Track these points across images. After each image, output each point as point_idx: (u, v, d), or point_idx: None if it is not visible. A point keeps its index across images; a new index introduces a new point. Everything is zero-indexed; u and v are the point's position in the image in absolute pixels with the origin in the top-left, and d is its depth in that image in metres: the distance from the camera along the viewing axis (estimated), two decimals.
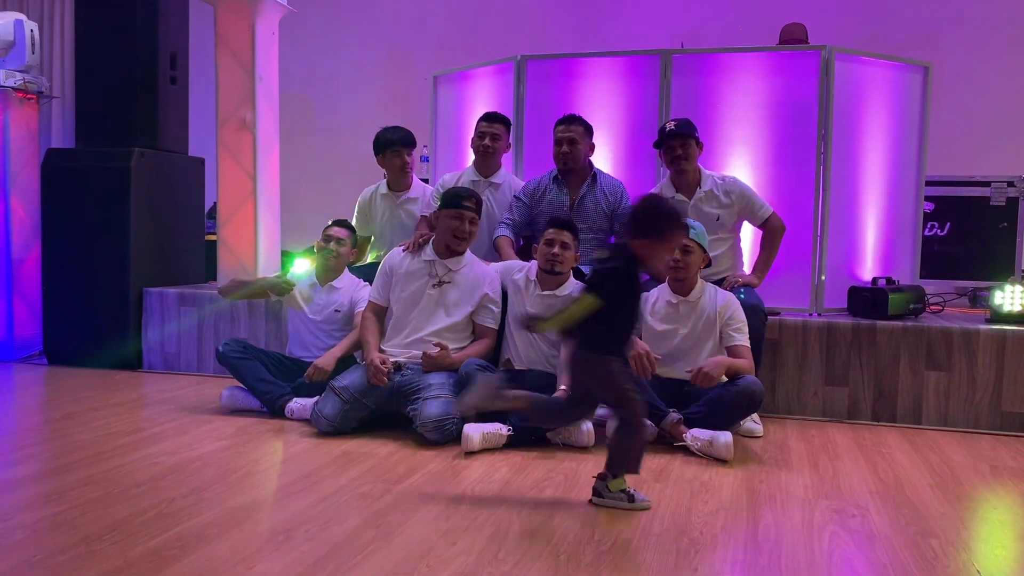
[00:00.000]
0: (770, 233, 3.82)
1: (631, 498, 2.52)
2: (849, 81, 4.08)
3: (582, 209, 3.92)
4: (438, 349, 3.41)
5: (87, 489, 2.61)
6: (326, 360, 3.62)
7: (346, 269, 3.97)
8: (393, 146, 4.26)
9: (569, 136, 3.86)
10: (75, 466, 2.86)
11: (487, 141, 4.06)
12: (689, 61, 4.17)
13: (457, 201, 3.52)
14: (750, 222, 3.87)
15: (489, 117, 4.10)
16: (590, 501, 2.57)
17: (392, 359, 3.44)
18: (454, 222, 3.51)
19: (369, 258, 4.54)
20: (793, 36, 5.31)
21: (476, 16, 6.78)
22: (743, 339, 3.33)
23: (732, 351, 3.30)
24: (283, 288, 3.90)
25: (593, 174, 3.95)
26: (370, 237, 4.48)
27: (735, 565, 2.13)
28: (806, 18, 5.56)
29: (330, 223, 3.98)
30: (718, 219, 3.77)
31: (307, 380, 3.60)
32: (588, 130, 3.92)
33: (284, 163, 5.11)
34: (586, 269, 3.74)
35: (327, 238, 3.89)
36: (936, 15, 5.98)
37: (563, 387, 3.14)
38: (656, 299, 3.46)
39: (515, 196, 4.04)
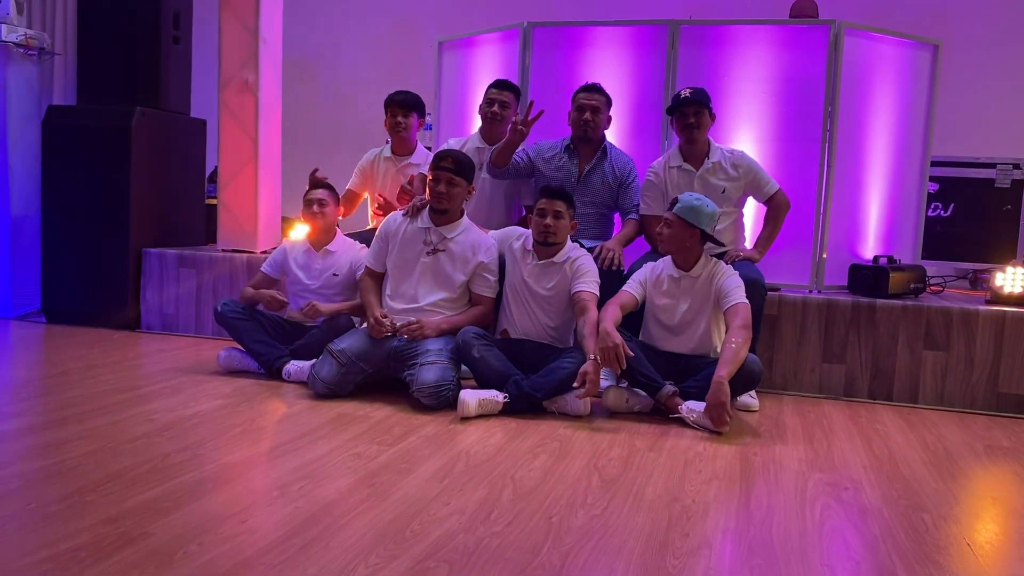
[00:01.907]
0: (775, 209, 3.79)
1: None
2: (858, 57, 4.04)
3: (588, 182, 3.89)
4: (416, 326, 3.38)
5: (83, 442, 2.61)
6: (326, 307, 3.69)
7: (339, 231, 3.96)
8: (389, 105, 4.27)
9: (593, 104, 3.81)
10: (71, 420, 2.86)
11: (496, 108, 4.03)
12: (697, 32, 4.13)
13: (435, 162, 3.50)
14: (755, 197, 3.84)
15: (499, 84, 4.07)
16: None
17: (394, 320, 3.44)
18: (430, 183, 3.49)
19: (370, 223, 4.54)
20: (804, 11, 5.25)
21: None
22: (739, 295, 3.26)
23: (730, 312, 3.24)
24: (274, 306, 3.79)
25: (604, 147, 3.92)
26: (361, 195, 4.47)
27: (726, 532, 2.14)
28: None
29: (308, 188, 3.94)
30: (723, 192, 3.74)
31: (299, 313, 3.72)
32: (609, 102, 3.89)
33: (286, 127, 5.07)
34: (588, 243, 3.72)
35: (308, 203, 3.87)
36: None
37: (592, 356, 3.14)
38: (661, 271, 3.44)
39: (523, 147, 3.96)
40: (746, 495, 2.42)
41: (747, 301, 3.26)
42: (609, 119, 3.91)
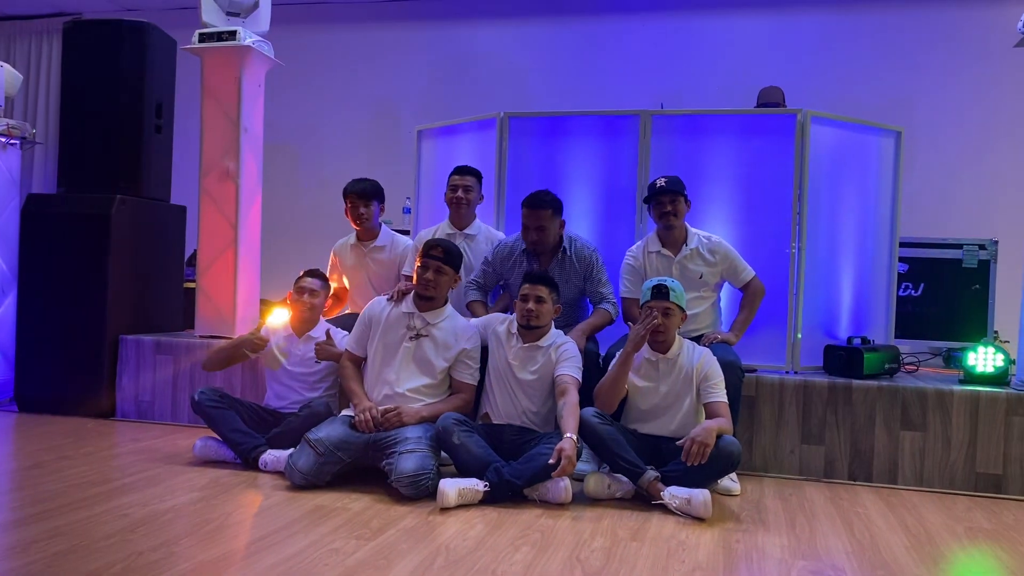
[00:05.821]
0: (751, 296, 3.87)
1: None
2: (824, 144, 4.17)
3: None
4: (394, 413, 3.39)
5: (54, 541, 2.55)
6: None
7: (321, 318, 3.97)
8: (348, 195, 4.33)
9: (538, 225, 3.75)
10: (43, 517, 2.80)
11: (459, 193, 4.11)
12: (668, 122, 4.26)
13: (425, 249, 3.56)
14: (731, 283, 3.91)
15: (460, 170, 4.16)
16: None
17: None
18: (419, 271, 3.54)
19: (349, 307, 4.56)
20: (771, 99, 5.44)
21: (461, 71, 6.89)
22: (721, 395, 3.33)
23: (710, 408, 3.31)
24: (256, 344, 3.82)
25: (562, 248, 3.86)
26: (341, 284, 4.49)
27: None
28: (784, 82, 5.71)
29: (302, 273, 3.95)
30: (701, 277, 3.81)
31: (316, 354, 3.75)
32: (557, 210, 3.79)
33: (266, 212, 5.13)
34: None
35: (299, 289, 3.88)
36: (910, 81, 6.15)
37: (569, 434, 3.15)
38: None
39: (485, 259, 4.01)
40: None
41: (726, 400, 3.33)
42: (562, 224, 3.84)
